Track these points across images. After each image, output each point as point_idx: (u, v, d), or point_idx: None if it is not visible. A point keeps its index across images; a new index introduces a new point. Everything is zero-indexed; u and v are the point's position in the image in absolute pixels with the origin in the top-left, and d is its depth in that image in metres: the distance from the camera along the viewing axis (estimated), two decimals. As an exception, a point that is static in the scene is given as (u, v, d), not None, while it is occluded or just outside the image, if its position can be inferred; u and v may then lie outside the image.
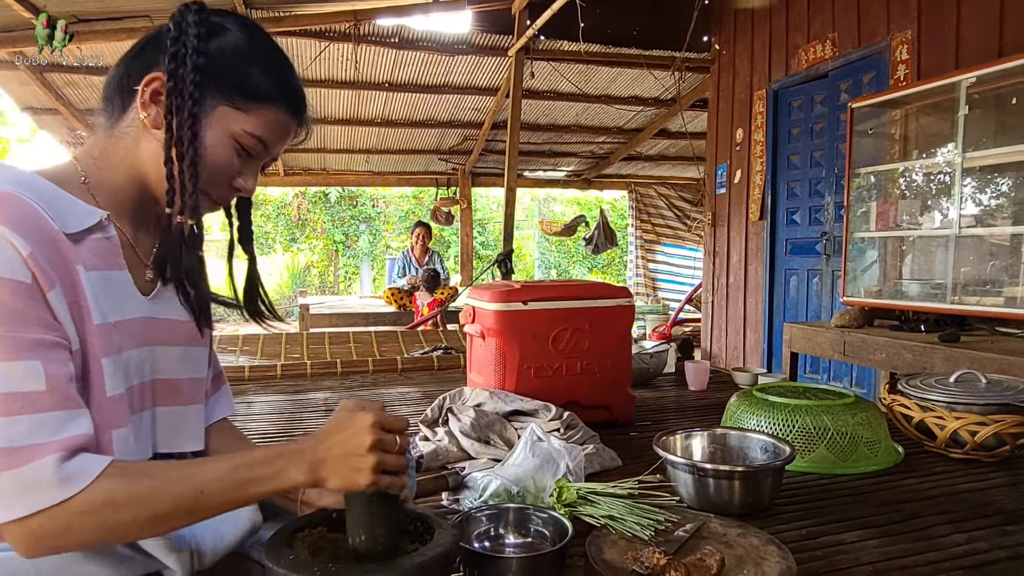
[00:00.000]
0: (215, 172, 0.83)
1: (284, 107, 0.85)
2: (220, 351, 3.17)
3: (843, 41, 4.11)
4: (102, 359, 0.75)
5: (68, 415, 0.69)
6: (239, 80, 0.81)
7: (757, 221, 4.90)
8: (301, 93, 0.88)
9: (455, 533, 0.81)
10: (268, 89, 0.83)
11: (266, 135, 0.84)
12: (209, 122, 0.81)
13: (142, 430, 0.83)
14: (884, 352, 2.83)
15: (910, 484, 1.38)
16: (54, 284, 0.70)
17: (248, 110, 0.82)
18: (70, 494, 0.66)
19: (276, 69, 0.85)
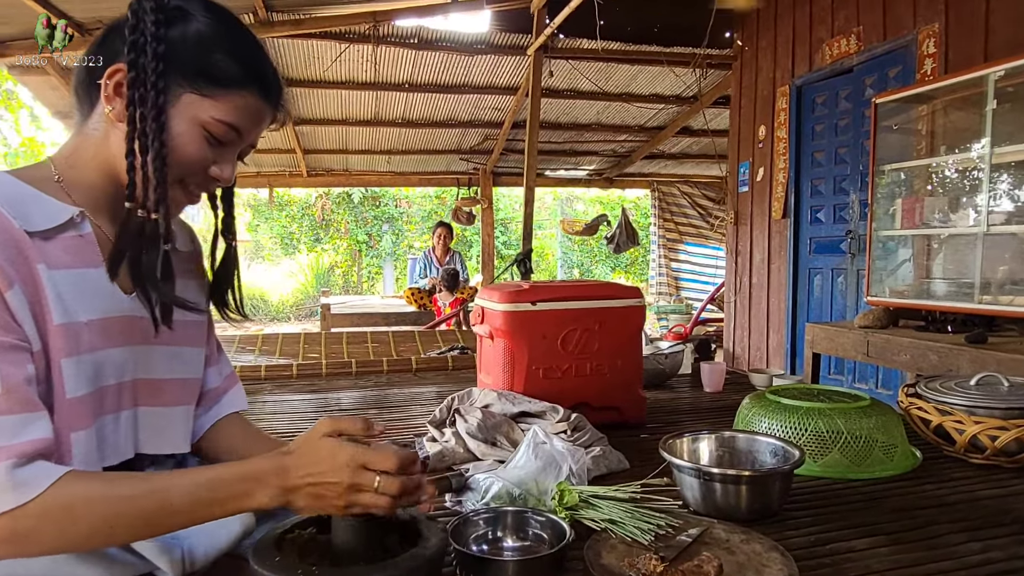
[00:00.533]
0: (187, 162, 0.81)
1: (254, 91, 0.83)
2: (240, 350, 3.21)
3: (868, 35, 4.02)
4: (61, 360, 0.73)
5: (25, 419, 0.68)
6: (203, 66, 0.79)
7: (780, 219, 4.82)
8: (273, 76, 0.86)
9: (443, 537, 0.81)
10: (235, 73, 0.80)
11: (237, 121, 0.82)
12: (175, 111, 0.79)
13: (120, 430, 0.82)
14: (909, 353, 2.76)
15: (927, 490, 1.34)
16: (12, 283, 0.69)
17: (215, 96, 0.80)
18: (23, 500, 0.64)
19: (243, 53, 0.82)
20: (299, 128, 6.51)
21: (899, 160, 3.40)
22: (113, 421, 0.81)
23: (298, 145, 6.88)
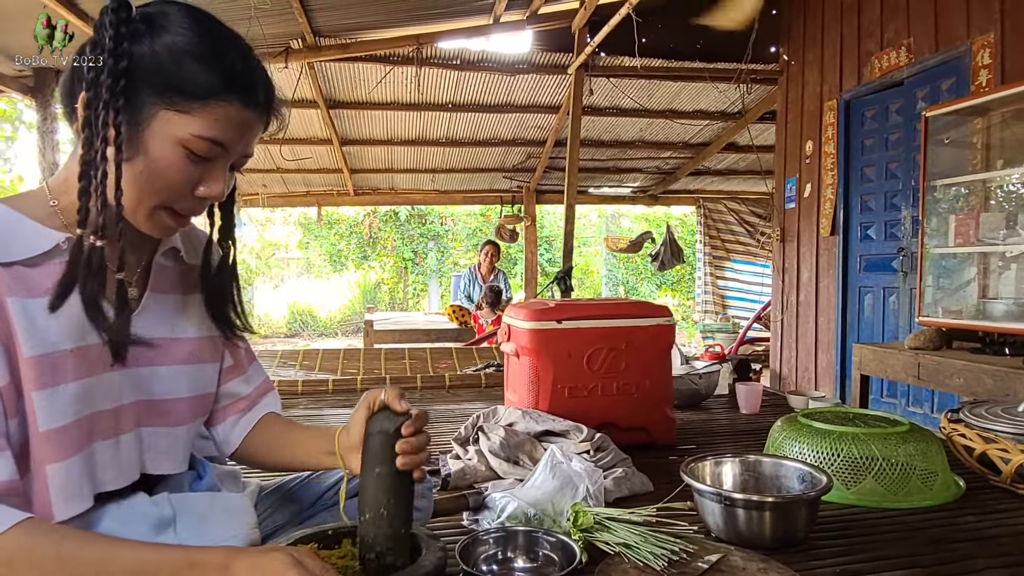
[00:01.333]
0: (167, 184, 0.75)
1: (235, 100, 0.75)
2: (281, 365, 3.29)
3: (919, 47, 3.90)
4: (32, 393, 0.71)
5: None
6: (175, 79, 0.72)
7: (828, 236, 4.68)
8: (257, 80, 0.79)
9: (441, 555, 0.80)
10: (210, 84, 0.73)
11: (219, 135, 0.75)
12: (150, 132, 0.73)
13: (121, 453, 0.81)
14: (962, 376, 2.63)
15: (968, 522, 1.27)
16: None
17: (191, 111, 0.73)
18: None
19: (220, 60, 0.75)
20: (346, 148, 6.68)
21: (952, 175, 3.26)
22: (112, 446, 0.79)
23: (345, 165, 7.05)
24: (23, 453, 0.72)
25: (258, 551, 0.72)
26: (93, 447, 0.77)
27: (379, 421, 0.83)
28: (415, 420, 0.83)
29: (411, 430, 0.82)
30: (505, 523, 1.18)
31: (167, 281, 0.90)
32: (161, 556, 0.69)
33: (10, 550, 0.65)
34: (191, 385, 0.89)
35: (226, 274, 0.93)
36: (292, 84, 5.08)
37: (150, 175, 0.74)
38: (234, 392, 0.99)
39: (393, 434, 0.82)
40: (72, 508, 0.74)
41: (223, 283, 0.93)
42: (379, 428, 0.83)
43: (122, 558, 0.68)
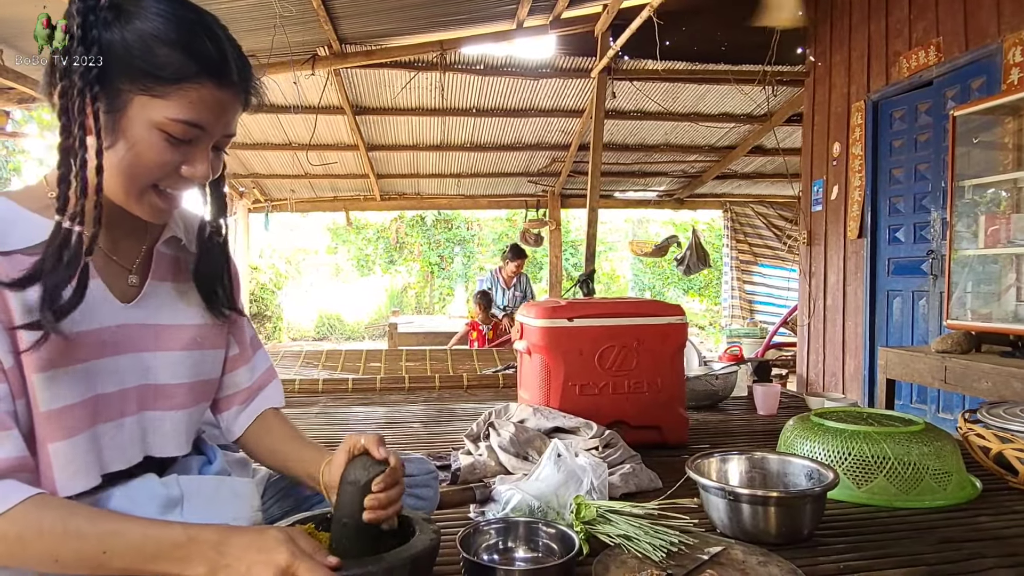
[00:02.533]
0: (150, 168, 0.77)
1: (208, 81, 0.76)
2: (305, 365, 3.35)
3: (948, 46, 3.82)
4: (33, 376, 0.74)
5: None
6: (147, 64, 0.73)
7: (856, 239, 4.60)
8: (228, 60, 0.78)
9: (433, 537, 0.82)
10: (181, 67, 0.74)
11: (195, 117, 0.76)
12: (128, 118, 0.75)
13: (124, 435, 0.84)
14: (990, 380, 2.57)
15: (981, 522, 1.24)
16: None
17: (165, 95, 0.74)
18: None
19: (192, 42, 0.75)
20: (372, 154, 6.77)
21: (982, 175, 3.19)
22: (115, 427, 0.82)
23: (372, 170, 7.14)
24: (31, 432, 0.76)
25: (254, 529, 0.75)
26: (97, 428, 0.80)
27: (354, 470, 0.84)
28: (389, 474, 0.83)
29: (381, 485, 0.82)
30: (509, 515, 1.19)
31: (168, 268, 0.92)
32: (162, 532, 0.72)
33: (20, 523, 0.69)
34: (192, 371, 0.91)
35: (215, 252, 0.94)
36: (319, 91, 5.17)
37: (132, 160, 0.76)
38: (238, 381, 1.02)
39: (364, 487, 0.82)
40: (76, 485, 0.78)
41: (212, 261, 0.94)
42: (352, 478, 0.83)
43: (127, 533, 0.71)
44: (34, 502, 0.70)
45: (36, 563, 0.70)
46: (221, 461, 1.01)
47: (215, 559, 0.71)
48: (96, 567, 0.71)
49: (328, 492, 0.91)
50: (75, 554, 0.70)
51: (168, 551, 0.71)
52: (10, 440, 0.72)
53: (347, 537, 0.82)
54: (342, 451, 0.88)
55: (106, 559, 0.70)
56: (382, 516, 0.83)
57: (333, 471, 0.88)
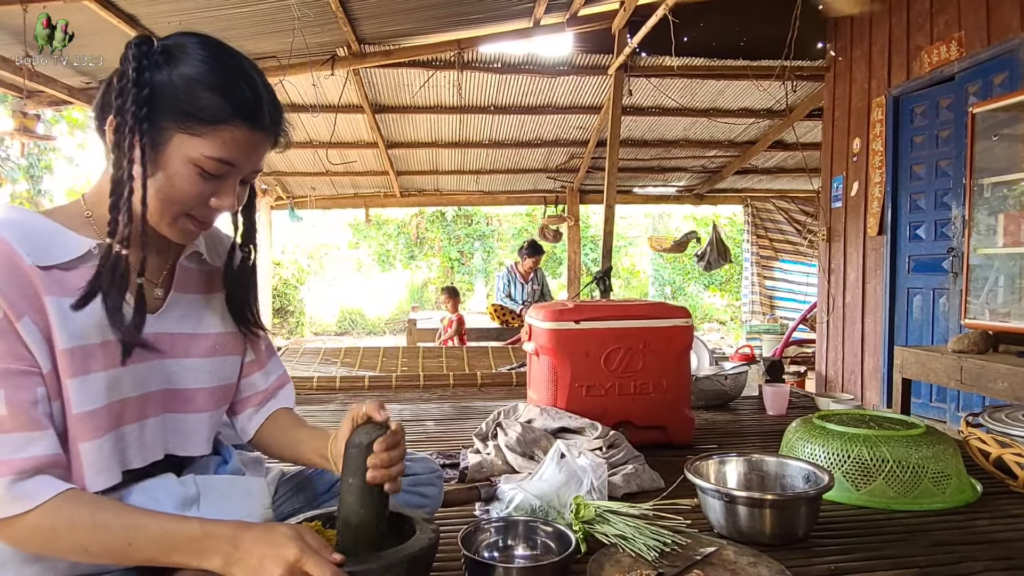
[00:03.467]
0: (184, 198, 0.84)
1: (242, 123, 0.83)
2: (323, 362, 3.42)
3: (971, 40, 3.77)
4: (67, 380, 0.80)
5: (28, 437, 0.76)
6: (189, 106, 0.81)
7: (876, 236, 4.56)
8: (262, 104, 0.86)
9: (432, 537, 0.87)
10: (219, 109, 0.82)
11: (228, 155, 0.83)
12: (168, 152, 0.82)
13: (146, 436, 0.90)
14: (1007, 381, 2.55)
15: (977, 526, 1.26)
16: (23, 315, 0.77)
17: (203, 134, 0.82)
18: (18, 512, 0.74)
19: (229, 87, 0.83)
20: (392, 151, 6.84)
21: (1003, 173, 3.15)
22: (137, 428, 0.88)
23: (391, 167, 7.21)
24: (64, 432, 0.82)
25: (265, 526, 0.81)
26: (122, 430, 0.87)
27: (357, 434, 0.89)
28: (389, 436, 0.88)
29: (383, 446, 0.88)
30: (512, 513, 1.24)
31: (191, 281, 0.99)
32: (181, 527, 0.79)
33: (53, 516, 0.76)
34: (213, 376, 0.98)
35: (245, 275, 1.02)
36: (338, 90, 5.25)
37: (168, 190, 0.84)
38: (253, 385, 1.08)
39: (366, 448, 0.87)
40: (102, 482, 0.84)
41: (242, 283, 1.01)
42: (355, 442, 0.88)
43: (148, 527, 0.78)
44: (66, 497, 0.77)
45: (67, 552, 0.77)
46: (236, 461, 1.07)
47: (229, 552, 0.77)
48: (121, 557, 0.78)
49: (336, 464, 0.96)
50: (103, 545, 0.77)
51: (186, 544, 0.78)
52: (47, 439, 0.79)
53: (354, 498, 0.87)
54: (346, 421, 0.93)
55: (130, 550, 0.77)
56: (384, 476, 0.87)
57: (339, 442, 0.94)
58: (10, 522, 0.75)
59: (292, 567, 0.75)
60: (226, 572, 0.77)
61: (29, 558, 0.80)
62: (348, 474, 0.88)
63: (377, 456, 0.87)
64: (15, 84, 3.98)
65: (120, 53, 0.84)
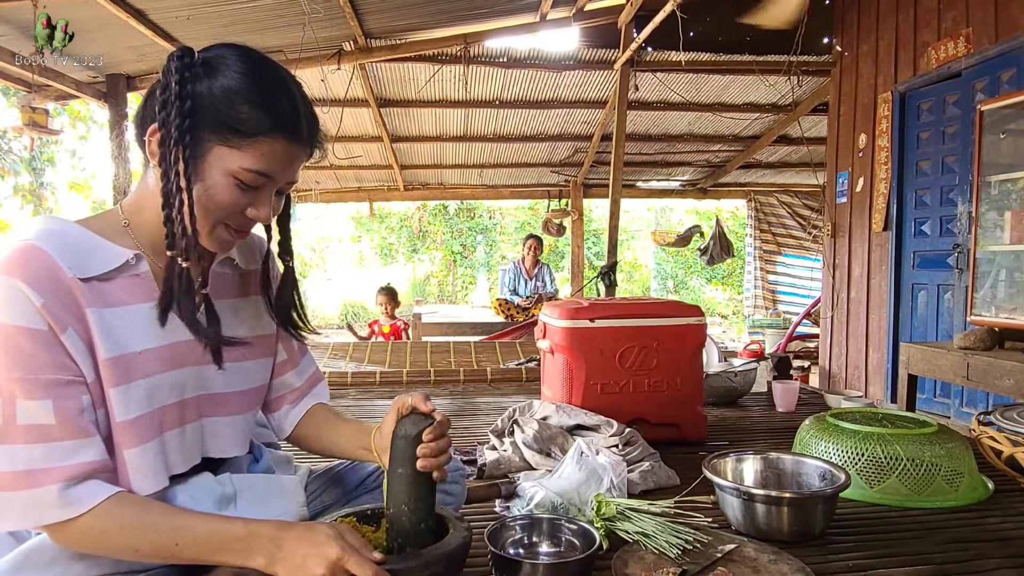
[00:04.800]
0: (221, 209, 0.86)
1: (280, 136, 0.85)
2: (333, 357, 3.45)
3: (978, 36, 3.77)
4: (110, 390, 0.83)
5: (77, 444, 0.79)
6: (228, 119, 0.82)
7: (881, 232, 4.58)
8: (300, 118, 0.87)
9: (466, 535, 0.89)
10: (259, 123, 0.83)
11: (265, 168, 0.85)
12: (207, 163, 0.83)
13: (186, 441, 0.92)
14: (1013, 378, 2.57)
15: (989, 523, 1.28)
16: (67, 327, 0.80)
17: (241, 147, 0.83)
18: (71, 516, 0.77)
19: (267, 101, 0.84)
20: (396, 145, 6.85)
21: (1010, 170, 3.16)
22: (178, 434, 0.91)
23: (395, 161, 7.22)
24: (109, 439, 0.85)
25: (305, 525, 0.84)
26: (164, 436, 0.89)
27: (404, 425, 0.92)
28: (436, 427, 0.91)
29: (431, 436, 0.91)
30: (533, 511, 1.26)
31: (223, 287, 1.01)
32: (226, 527, 0.82)
33: (105, 518, 0.79)
34: (245, 379, 1.00)
35: (288, 287, 1.03)
36: (344, 84, 5.25)
37: (206, 200, 0.85)
38: (287, 383, 1.10)
39: (415, 438, 0.90)
40: (148, 487, 0.86)
41: (287, 294, 1.03)
42: (403, 432, 0.91)
43: (195, 527, 0.81)
44: (116, 499, 0.80)
45: (118, 552, 0.80)
46: (267, 459, 1.10)
47: (272, 551, 0.80)
48: (169, 557, 0.80)
49: (380, 455, 0.99)
50: (151, 545, 0.79)
51: (231, 544, 0.80)
52: (94, 445, 0.81)
53: (405, 487, 0.90)
54: (391, 412, 0.96)
55: (178, 550, 0.80)
56: (433, 464, 0.91)
57: (384, 433, 0.97)
58: (63, 526, 0.78)
59: (334, 565, 0.78)
60: (269, 571, 0.80)
61: (75, 556, 0.82)
62: (397, 464, 0.91)
63: (427, 446, 0.90)
64: (23, 79, 3.99)
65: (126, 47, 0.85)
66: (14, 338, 0.78)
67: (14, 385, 0.77)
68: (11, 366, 0.77)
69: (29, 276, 0.78)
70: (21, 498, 0.76)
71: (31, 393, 0.78)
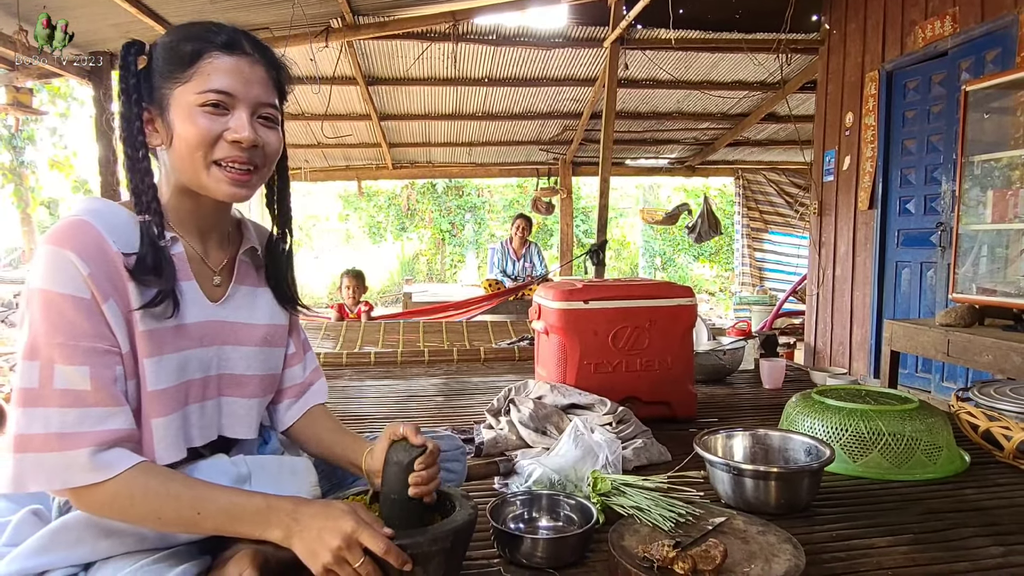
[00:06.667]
0: (199, 142, 0.88)
1: (219, 52, 0.89)
2: (325, 337, 3.47)
3: (965, 16, 3.80)
4: (144, 360, 0.88)
5: (108, 411, 0.83)
6: (171, 62, 0.89)
7: (866, 210, 4.64)
8: (239, 35, 0.92)
9: (472, 512, 0.93)
10: (195, 51, 0.89)
11: (218, 85, 0.88)
12: (172, 111, 0.89)
13: (206, 416, 0.97)
14: (991, 354, 2.65)
15: (966, 494, 1.35)
16: (108, 297, 0.84)
17: (190, 77, 0.88)
18: (99, 479, 0.80)
19: (201, 32, 0.90)
20: (384, 124, 6.80)
21: (993, 150, 3.22)
22: (199, 409, 0.95)
23: (384, 140, 7.18)
24: (138, 409, 0.89)
25: (322, 502, 0.88)
26: (187, 408, 0.94)
27: (397, 452, 0.96)
28: (427, 456, 0.95)
29: (422, 465, 0.95)
30: (531, 487, 1.31)
31: (248, 275, 1.05)
32: (246, 499, 0.86)
33: (131, 485, 0.82)
34: (263, 364, 1.04)
35: (284, 260, 1.08)
36: (332, 62, 5.20)
37: (186, 142, 0.89)
38: (291, 377, 1.14)
39: (407, 466, 0.94)
40: (169, 456, 0.91)
41: (282, 264, 1.08)
42: (396, 459, 0.95)
43: (217, 498, 0.85)
44: (141, 468, 0.84)
45: (141, 519, 0.84)
46: (275, 441, 1.13)
47: (290, 524, 0.84)
48: (191, 526, 0.84)
49: (370, 476, 1.04)
50: (175, 513, 0.83)
51: (251, 516, 0.84)
52: (124, 414, 0.85)
53: (395, 510, 0.94)
54: (384, 439, 1.00)
55: (199, 519, 0.83)
56: (424, 491, 0.95)
57: (376, 457, 1.01)
58: (91, 489, 0.81)
59: (348, 538, 0.82)
60: (286, 543, 0.84)
61: (101, 534, 0.86)
62: (390, 490, 0.95)
63: (418, 474, 0.94)
64: (6, 57, 3.92)
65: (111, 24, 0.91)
66: (58, 305, 0.81)
67: (54, 350, 0.81)
68: (53, 332, 0.81)
69: (78, 247, 0.83)
70: (52, 460, 0.80)
71: (70, 359, 0.81)
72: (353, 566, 0.82)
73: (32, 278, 0.83)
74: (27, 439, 0.80)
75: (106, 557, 0.86)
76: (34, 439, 0.80)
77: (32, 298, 0.82)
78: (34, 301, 0.82)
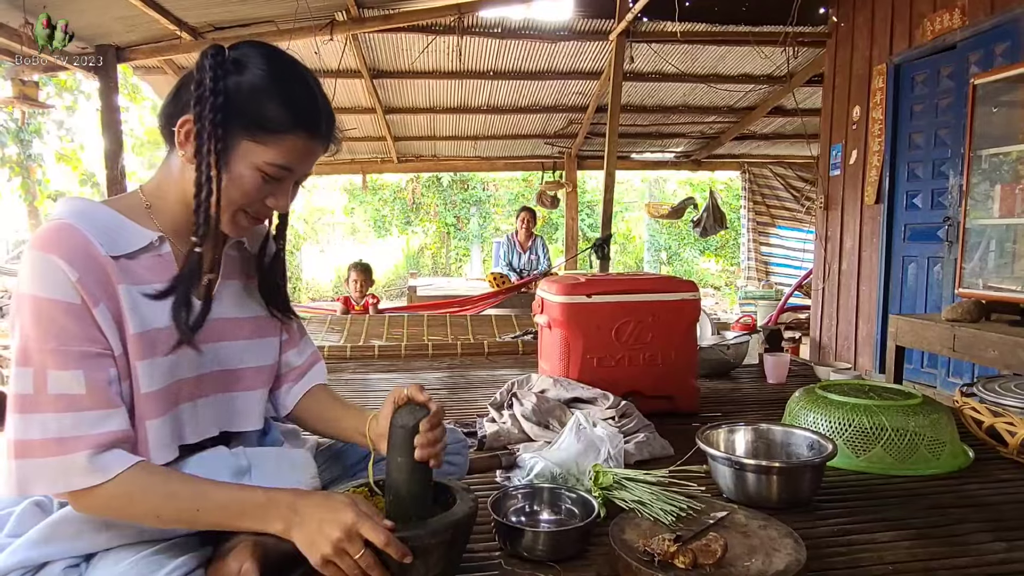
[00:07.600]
0: (244, 199, 0.92)
1: (302, 134, 0.91)
2: (329, 331, 3.48)
3: (974, 9, 3.77)
4: (137, 363, 0.88)
5: (104, 414, 0.84)
6: (256, 116, 0.88)
7: (873, 205, 4.62)
8: (320, 116, 0.93)
9: (472, 505, 0.94)
10: (284, 121, 0.89)
11: (288, 162, 0.91)
12: (235, 156, 0.89)
13: (199, 414, 0.97)
14: (997, 349, 2.64)
15: (969, 489, 1.34)
16: (99, 302, 0.84)
17: (267, 143, 0.89)
18: (98, 482, 0.81)
19: (292, 99, 0.90)
20: (389, 117, 6.79)
21: (1001, 144, 3.19)
22: (191, 407, 0.95)
23: (389, 133, 7.17)
24: (131, 410, 0.89)
25: (323, 494, 0.89)
26: (179, 408, 0.94)
27: (402, 416, 0.96)
28: (432, 416, 0.95)
29: (427, 426, 0.95)
30: (533, 481, 1.31)
31: (234, 268, 1.06)
32: (246, 494, 0.87)
33: (129, 485, 0.83)
34: (257, 356, 1.05)
35: (278, 264, 1.09)
36: (337, 56, 5.19)
37: (231, 190, 0.91)
38: (288, 362, 1.15)
39: (412, 428, 0.94)
40: (163, 456, 0.91)
41: (275, 272, 1.09)
42: (401, 422, 0.95)
43: (216, 494, 0.86)
44: (139, 468, 0.85)
45: (141, 518, 0.85)
46: (276, 432, 1.14)
47: (290, 517, 0.84)
48: (191, 522, 0.85)
49: (376, 442, 1.03)
50: (174, 511, 0.84)
51: (251, 510, 0.85)
52: (119, 416, 0.86)
53: (403, 475, 0.94)
54: (388, 402, 1.00)
55: (199, 515, 0.84)
56: (430, 453, 0.95)
57: (381, 422, 1.01)
58: (90, 492, 0.82)
59: (349, 529, 0.82)
60: (287, 536, 0.85)
61: (100, 526, 0.87)
62: (396, 453, 0.94)
63: (423, 436, 0.94)
64: (10, 50, 3.93)
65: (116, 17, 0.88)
66: (49, 311, 0.82)
67: (47, 356, 0.81)
68: (45, 337, 0.82)
69: (65, 252, 0.83)
70: (51, 464, 0.81)
71: (63, 364, 0.82)
72: (353, 558, 0.83)
73: (21, 284, 0.83)
74: (26, 445, 0.81)
75: (106, 548, 0.87)
76: (33, 445, 0.81)
77: (22, 304, 0.83)
78: (24, 307, 0.82)
